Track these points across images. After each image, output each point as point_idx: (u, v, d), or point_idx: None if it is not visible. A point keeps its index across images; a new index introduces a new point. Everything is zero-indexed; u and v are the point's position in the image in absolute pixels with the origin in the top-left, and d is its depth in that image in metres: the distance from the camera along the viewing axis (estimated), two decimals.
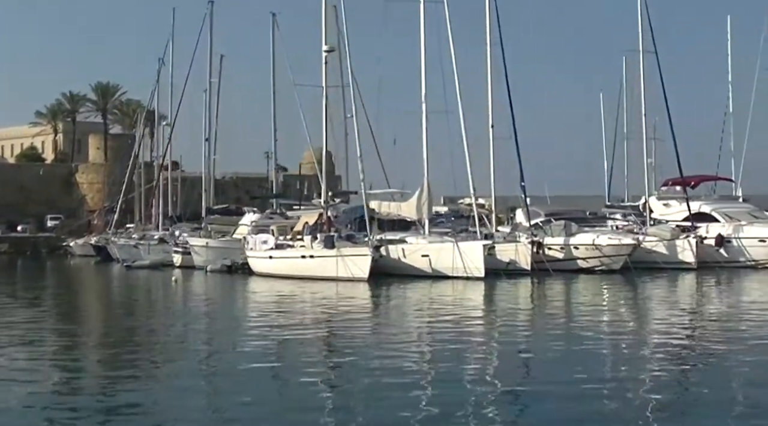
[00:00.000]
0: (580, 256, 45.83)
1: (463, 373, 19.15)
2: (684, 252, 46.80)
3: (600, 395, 16.67)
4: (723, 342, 23.51)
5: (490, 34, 47.97)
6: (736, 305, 33.63)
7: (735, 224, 48.31)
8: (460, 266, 42.76)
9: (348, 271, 42.38)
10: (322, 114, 47.02)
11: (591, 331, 25.73)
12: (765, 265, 46.79)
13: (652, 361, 20.82)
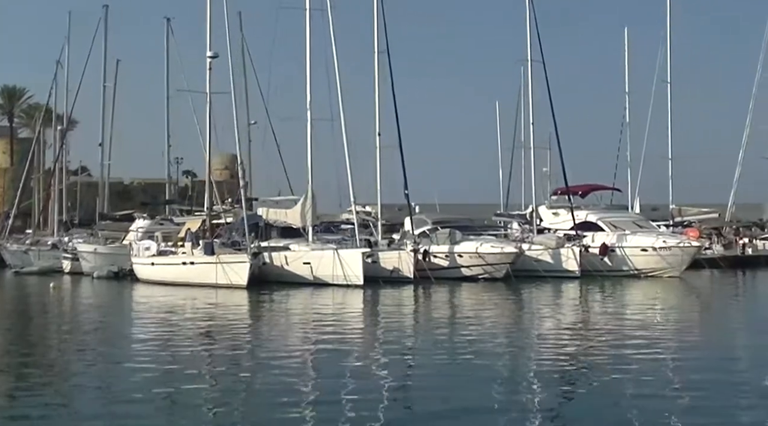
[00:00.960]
0: (463, 264, 45.94)
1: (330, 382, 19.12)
2: (568, 261, 47.09)
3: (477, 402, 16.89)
4: (602, 348, 23.82)
5: (377, 42, 47.96)
6: (612, 313, 34.00)
7: (619, 233, 48.75)
8: (340, 274, 42.70)
9: (227, 278, 42.12)
10: (206, 119, 46.74)
11: (466, 339, 25.86)
12: (648, 274, 47.21)
13: (527, 366, 21.04)
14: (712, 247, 59.92)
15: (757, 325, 30.69)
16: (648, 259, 47.54)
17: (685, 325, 29.63)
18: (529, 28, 50.66)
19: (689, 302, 39.02)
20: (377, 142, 47.85)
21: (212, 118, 46.67)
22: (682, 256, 47.34)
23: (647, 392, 17.76)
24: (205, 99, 46.52)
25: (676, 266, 47.20)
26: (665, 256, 47.33)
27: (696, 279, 47.76)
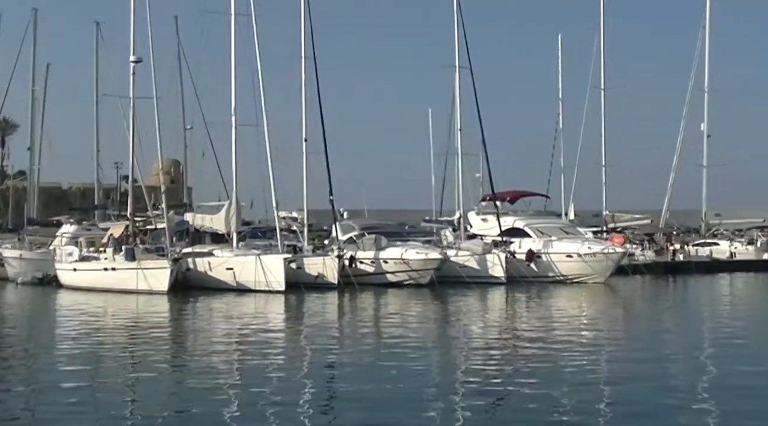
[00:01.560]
0: (389, 270, 45.93)
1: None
2: (494, 267, 47.21)
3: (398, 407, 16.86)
4: (525, 354, 23.77)
5: (304, 48, 47.86)
6: (534, 318, 34.13)
7: (546, 239, 48.94)
8: (262, 280, 42.55)
9: (148, 284, 41.80)
10: (129, 124, 46.43)
11: (385, 344, 25.78)
12: (573, 279, 47.42)
13: (446, 371, 21.17)
14: (644, 253, 60.47)
15: (672, 329, 31.06)
16: (573, 266, 47.78)
17: (603, 332, 29.57)
18: (457, 34, 50.79)
19: (608, 308, 39.01)
20: (303, 148, 47.65)
21: (136, 123, 46.25)
22: (606, 262, 47.60)
23: (569, 396, 17.78)
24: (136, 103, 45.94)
25: (601, 272, 47.46)
26: (590, 263, 47.59)
27: (622, 285, 48.13)
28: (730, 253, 64.07)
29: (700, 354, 24.08)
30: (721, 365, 21.70)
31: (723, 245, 65.48)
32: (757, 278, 55.86)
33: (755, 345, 26.16)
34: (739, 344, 26.07)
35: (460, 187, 52.71)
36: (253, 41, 44.84)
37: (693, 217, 72.69)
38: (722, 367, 21.53)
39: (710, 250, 64.60)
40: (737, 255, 63.88)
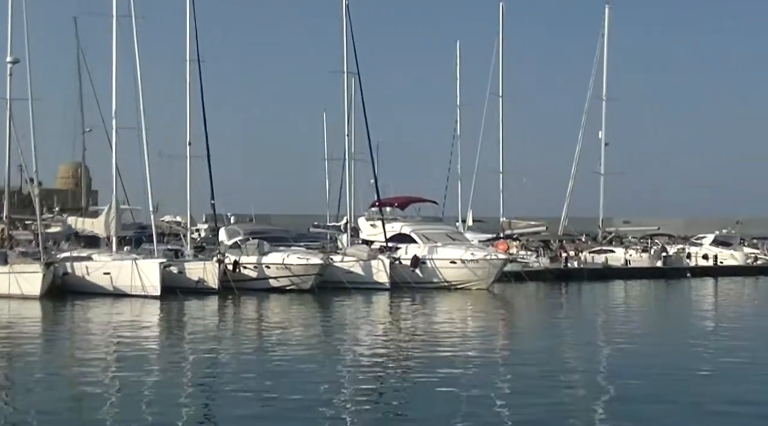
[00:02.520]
0: (271, 275, 45.69)
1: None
2: (378, 273, 47.15)
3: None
4: (405, 359, 24.03)
5: (189, 51, 47.41)
6: (410, 324, 34.23)
7: (431, 245, 48.99)
8: (138, 284, 42.02)
9: (20, 289, 41.05)
10: (6, 127, 45.64)
11: (251, 351, 25.83)
12: (457, 286, 47.50)
13: (319, 377, 20.90)
14: (539, 260, 60.88)
15: (542, 335, 31.01)
16: (457, 272, 47.88)
17: (479, 342, 29.01)
18: (345, 39, 50.69)
19: (487, 316, 38.69)
20: (187, 152, 47.19)
21: (12, 126, 45.34)
22: (489, 268, 47.73)
23: (448, 402, 17.85)
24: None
25: (484, 278, 47.60)
26: (473, 269, 47.70)
27: (511, 292, 48.41)
28: (625, 261, 64.69)
29: (573, 362, 24.14)
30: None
31: (618, 252, 66.13)
32: (650, 285, 56.44)
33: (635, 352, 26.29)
34: (618, 351, 26.35)
35: (350, 193, 52.58)
36: (136, 43, 44.24)
37: (592, 224, 73.23)
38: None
39: (606, 258, 65.15)
40: (632, 262, 64.52)
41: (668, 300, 48.15)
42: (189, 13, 47.31)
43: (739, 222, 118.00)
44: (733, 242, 72.45)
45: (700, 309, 43.46)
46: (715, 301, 47.84)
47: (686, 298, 48.99)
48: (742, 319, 37.88)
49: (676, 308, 43.81)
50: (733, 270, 65.52)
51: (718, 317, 38.58)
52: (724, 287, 55.35)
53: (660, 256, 65.02)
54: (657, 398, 18.51)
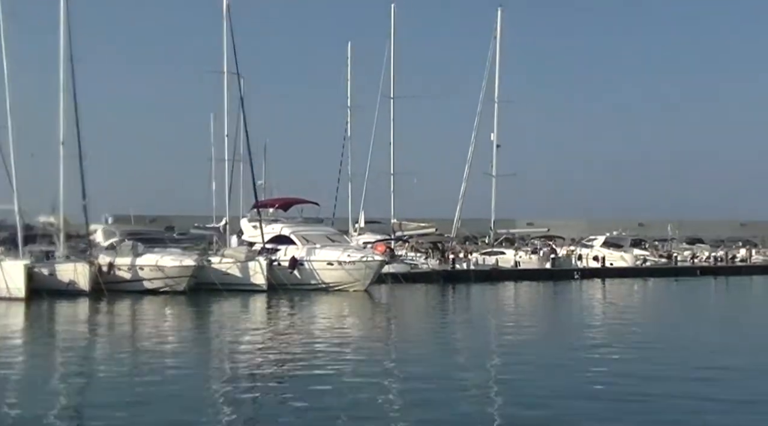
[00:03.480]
0: (145, 276, 45.18)
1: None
2: (255, 274, 46.87)
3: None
4: (266, 364, 23.41)
5: (63, 49, 46.54)
6: (283, 326, 33.88)
7: (309, 247, 48.80)
8: (3, 286, 41.32)
9: None
10: None
11: (112, 354, 25.29)
12: (334, 287, 47.37)
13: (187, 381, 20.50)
14: (428, 261, 61.04)
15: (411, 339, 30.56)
16: (334, 273, 47.75)
17: (347, 343, 28.21)
18: (226, 39, 50.29)
19: (360, 318, 38.27)
20: (60, 151, 46.34)
21: None
22: (365, 270, 47.67)
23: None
24: None
25: (361, 280, 47.52)
26: (350, 270, 47.61)
27: (397, 293, 48.47)
28: (515, 262, 65.16)
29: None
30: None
31: (509, 254, 66.61)
32: (537, 287, 56.73)
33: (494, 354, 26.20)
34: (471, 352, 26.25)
35: (228, 193, 52.17)
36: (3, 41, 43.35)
37: (488, 225, 73.60)
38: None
39: (496, 259, 65.58)
40: (522, 264, 65.00)
41: (548, 302, 48.23)
42: (63, 10, 46.34)
43: (641, 224, 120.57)
44: (624, 244, 73.33)
45: (571, 311, 43.48)
46: (582, 303, 47.56)
47: (566, 300, 49.17)
48: (604, 319, 37.98)
49: (550, 310, 43.87)
50: (621, 271, 66.29)
51: (587, 320, 38.50)
52: (610, 289, 55.63)
53: (549, 258, 65.59)
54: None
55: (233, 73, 49.91)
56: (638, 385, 19.77)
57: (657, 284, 60.51)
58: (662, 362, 23.34)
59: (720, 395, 18.94)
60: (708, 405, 17.83)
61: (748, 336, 31.77)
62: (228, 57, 49.99)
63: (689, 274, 68.43)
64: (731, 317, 40.45)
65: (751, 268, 73.68)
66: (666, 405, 17.75)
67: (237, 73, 49.53)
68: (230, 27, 49.82)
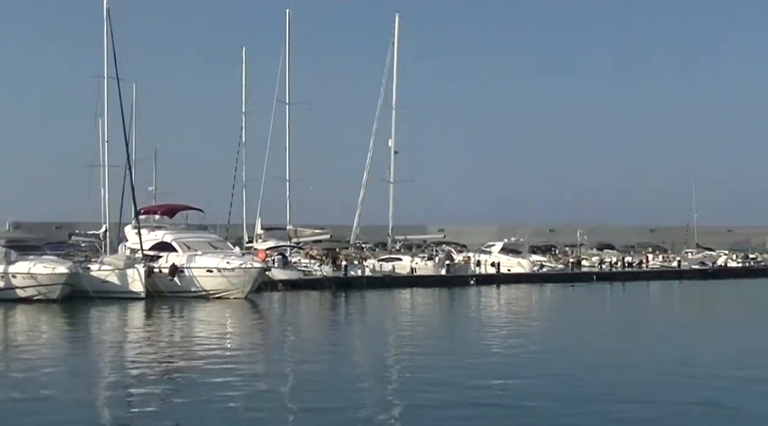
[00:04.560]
0: (18, 284, 44.35)
1: None
2: (134, 282, 46.24)
3: None
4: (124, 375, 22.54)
5: None
6: (145, 336, 32.91)
7: (190, 254, 48.28)
8: None
9: None
10: None
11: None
12: (214, 295, 46.87)
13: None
14: (322, 268, 60.75)
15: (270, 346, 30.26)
16: (214, 280, 47.28)
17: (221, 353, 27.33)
18: (106, 43, 49.63)
19: (234, 328, 37.68)
20: None
21: None
22: (245, 277, 47.20)
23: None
24: None
25: (240, 287, 47.03)
26: (229, 278, 47.15)
27: (288, 300, 48.26)
28: (411, 269, 65.11)
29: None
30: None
31: (405, 260, 66.55)
32: (432, 293, 56.67)
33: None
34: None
35: (105, 200, 51.48)
36: None
37: (382, 232, 73.54)
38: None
39: (393, 266, 65.45)
40: (418, 270, 64.98)
41: (437, 309, 47.86)
42: None
43: (552, 230, 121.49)
44: (522, 250, 73.69)
45: (451, 319, 43.20)
46: (461, 312, 47.13)
47: (446, 307, 49.04)
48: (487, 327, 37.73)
49: (437, 317, 43.34)
50: (517, 278, 66.56)
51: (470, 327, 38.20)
52: (503, 296, 55.55)
53: (444, 265, 65.63)
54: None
55: (113, 78, 49.15)
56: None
57: (552, 290, 60.68)
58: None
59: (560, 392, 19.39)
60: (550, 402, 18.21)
61: (610, 336, 32.55)
62: (108, 61, 49.24)
63: (585, 279, 69.01)
64: (603, 320, 40.96)
65: (648, 274, 74.60)
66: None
67: (117, 78, 48.75)
68: (110, 30, 49.22)
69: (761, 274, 76.63)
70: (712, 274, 76.05)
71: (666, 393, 19.27)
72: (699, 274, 75.70)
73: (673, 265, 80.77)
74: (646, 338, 31.73)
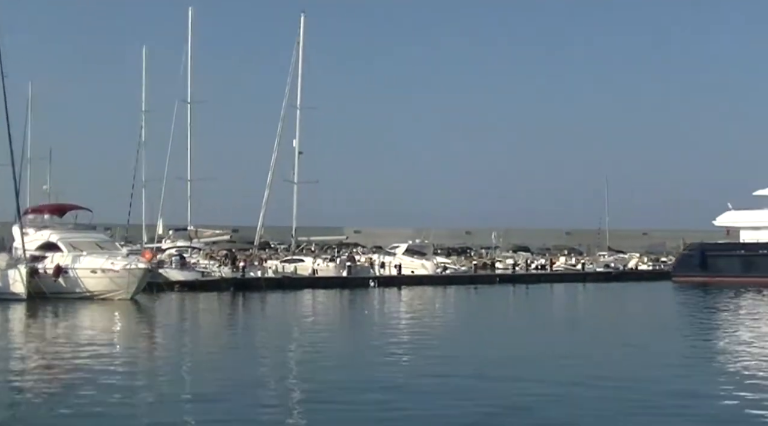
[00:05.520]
0: None
1: None
2: (15, 283, 45.40)
3: None
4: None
5: None
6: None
7: (75, 254, 47.50)
8: None
9: None
10: None
11: None
12: (99, 296, 46.13)
13: None
14: (221, 269, 60.17)
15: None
16: (98, 281, 46.55)
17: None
18: None
19: (107, 331, 36.99)
20: None
21: None
22: (129, 278, 46.48)
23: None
24: None
25: (125, 288, 46.31)
26: (113, 278, 46.42)
27: (164, 303, 47.47)
28: (313, 270, 64.80)
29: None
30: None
31: (307, 262, 66.22)
32: (331, 295, 56.25)
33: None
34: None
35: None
36: None
37: (302, 232, 73.01)
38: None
39: (295, 267, 65.09)
40: (319, 272, 64.67)
41: (325, 311, 47.62)
42: None
43: (468, 233, 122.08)
44: (427, 252, 73.69)
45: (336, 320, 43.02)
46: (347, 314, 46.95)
47: (340, 308, 48.89)
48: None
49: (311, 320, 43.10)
50: (419, 280, 66.46)
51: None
52: (404, 298, 55.30)
53: (345, 266, 65.41)
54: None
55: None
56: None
57: (455, 292, 60.56)
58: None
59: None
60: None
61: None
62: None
63: (488, 282, 69.14)
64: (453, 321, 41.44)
65: (552, 276, 74.99)
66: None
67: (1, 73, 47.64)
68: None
69: (665, 277, 77.25)
70: (615, 277, 76.56)
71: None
72: (603, 277, 76.18)
73: (577, 268, 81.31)
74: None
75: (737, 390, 20.33)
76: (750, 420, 17.50)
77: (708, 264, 74.78)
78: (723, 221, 78.30)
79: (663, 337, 33.45)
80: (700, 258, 75.46)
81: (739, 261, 73.62)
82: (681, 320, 43.17)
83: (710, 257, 75.34)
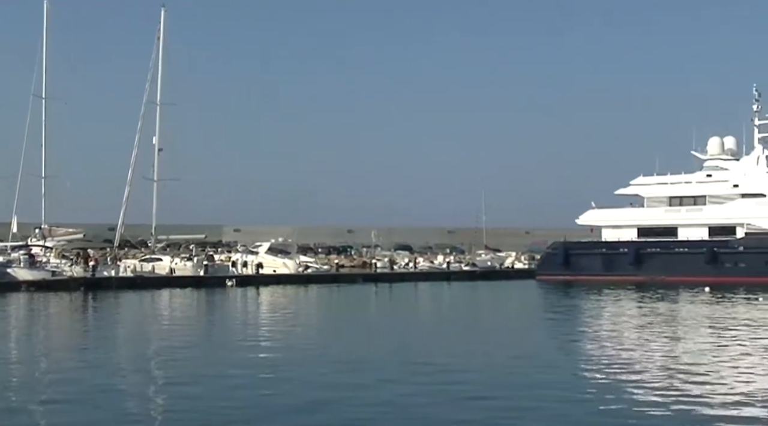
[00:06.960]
0: None
1: None
2: None
3: None
4: None
5: None
6: None
7: None
8: None
9: None
10: None
11: None
12: None
13: None
14: (73, 269, 59.30)
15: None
16: None
17: None
18: None
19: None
20: None
21: None
22: None
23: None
24: None
25: None
26: None
27: (11, 303, 46.41)
28: (170, 269, 64.19)
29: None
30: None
31: (165, 261, 65.58)
32: (186, 294, 55.51)
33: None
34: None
35: None
36: None
37: (164, 230, 72.24)
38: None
39: (153, 266, 64.41)
40: (177, 271, 64.07)
41: (169, 313, 46.69)
42: None
43: (350, 231, 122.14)
44: (291, 251, 73.58)
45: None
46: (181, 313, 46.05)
47: (195, 309, 48.04)
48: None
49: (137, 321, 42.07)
50: (278, 279, 66.20)
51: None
52: (261, 297, 54.59)
53: (202, 265, 64.93)
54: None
55: None
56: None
57: (317, 291, 60.19)
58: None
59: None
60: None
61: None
62: None
63: (351, 281, 69.20)
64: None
65: (416, 275, 75.35)
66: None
67: None
68: None
69: (529, 275, 78.12)
70: (480, 276, 77.11)
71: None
72: (467, 276, 76.77)
73: (442, 267, 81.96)
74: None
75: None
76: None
77: (571, 262, 75.77)
78: (585, 220, 79.27)
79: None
80: (564, 256, 76.40)
81: (601, 259, 74.57)
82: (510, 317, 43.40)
83: (573, 256, 76.33)
